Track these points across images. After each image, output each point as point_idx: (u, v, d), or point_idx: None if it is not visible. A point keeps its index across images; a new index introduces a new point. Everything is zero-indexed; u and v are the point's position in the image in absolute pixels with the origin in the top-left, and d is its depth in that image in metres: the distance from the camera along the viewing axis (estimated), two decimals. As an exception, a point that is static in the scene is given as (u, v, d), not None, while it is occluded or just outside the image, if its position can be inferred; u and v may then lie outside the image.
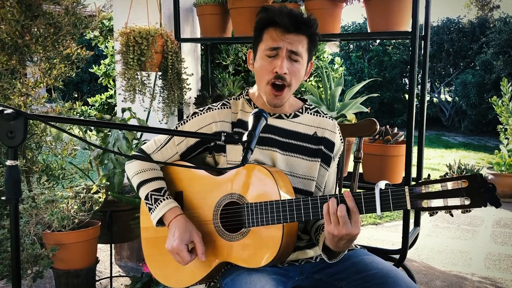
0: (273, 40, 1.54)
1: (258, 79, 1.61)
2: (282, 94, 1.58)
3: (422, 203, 1.31)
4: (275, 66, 1.55)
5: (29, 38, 2.59)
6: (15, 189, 1.23)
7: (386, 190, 1.35)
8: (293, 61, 1.56)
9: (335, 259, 1.52)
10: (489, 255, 3.51)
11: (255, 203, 1.49)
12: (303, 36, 1.55)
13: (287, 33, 1.53)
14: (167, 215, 1.57)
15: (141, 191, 1.63)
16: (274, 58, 1.55)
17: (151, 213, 1.60)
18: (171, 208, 1.57)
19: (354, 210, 1.37)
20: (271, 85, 1.56)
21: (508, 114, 5.19)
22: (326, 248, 1.49)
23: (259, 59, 1.59)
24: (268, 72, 1.56)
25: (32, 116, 1.24)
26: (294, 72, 1.57)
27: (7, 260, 2.30)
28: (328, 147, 1.67)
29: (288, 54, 1.54)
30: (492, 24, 10.70)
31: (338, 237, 1.37)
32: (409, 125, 2.53)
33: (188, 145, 1.67)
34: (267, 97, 1.59)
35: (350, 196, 1.38)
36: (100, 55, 6.67)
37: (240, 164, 1.34)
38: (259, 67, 1.59)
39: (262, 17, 1.59)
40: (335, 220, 1.37)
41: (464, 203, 1.28)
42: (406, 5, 2.55)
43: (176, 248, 1.51)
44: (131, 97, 2.76)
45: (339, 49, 11.76)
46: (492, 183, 1.26)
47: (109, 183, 2.64)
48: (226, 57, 3.45)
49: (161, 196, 1.59)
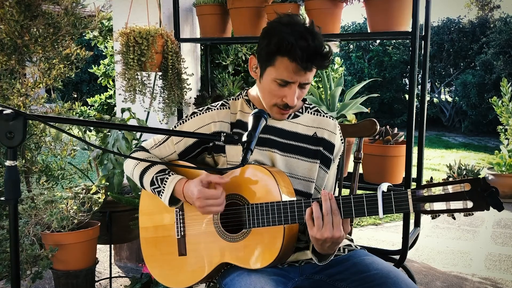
0: (287, 74, 1.47)
1: (263, 97, 1.58)
2: (288, 112, 1.60)
3: (425, 206, 1.31)
4: (285, 95, 1.52)
5: (28, 38, 2.58)
6: (14, 190, 1.23)
7: (388, 193, 1.35)
8: (302, 88, 1.54)
9: (325, 261, 1.52)
10: (490, 256, 3.51)
11: (256, 204, 1.49)
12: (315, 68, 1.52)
13: (303, 71, 1.47)
14: (176, 187, 1.55)
15: (145, 178, 1.62)
16: (285, 86, 1.51)
17: (161, 196, 1.58)
18: (178, 180, 1.55)
19: (335, 213, 1.37)
20: (278, 108, 1.56)
21: (508, 115, 5.19)
22: (315, 251, 1.50)
23: (268, 81, 1.53)
24: (276, 97, 1.54)
25: (31, 117, 1.24)
26: (303, 96, 1.57)
27: (7, 261, 2.30)
28: (327, 148, 1.67)
29: (299, 85, 1.53)
30: (493, 24, 10.69)
31: (321, 240, 1.38)
32: (409, 125, 2.53)
33: (186, 145, 1.66)
34: (273, 115, 1.60)
35: (327, 198, 1.38)
36: (99, 55, 6.67)
37: (240, 165, 1.34)
38: (266, 89, 1.54)
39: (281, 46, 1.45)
40: (318, 224, 1.37)
41: (466, 207, 1.27)
42: (406, 5, 2.55)
43: (200, 195, 1.45)
44: (131, 98, 2.76)
45: (339, 49, 11.75)
46: (495, 187, 1.25)
47: (108, 184, 2.64)
48: (226, 57, 3.45)
49: (166, 174, 1.58)
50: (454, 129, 10.75)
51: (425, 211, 1.31)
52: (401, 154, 2.75)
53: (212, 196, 1.46)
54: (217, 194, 1.46)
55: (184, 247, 1.62)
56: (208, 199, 1.46)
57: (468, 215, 1.28)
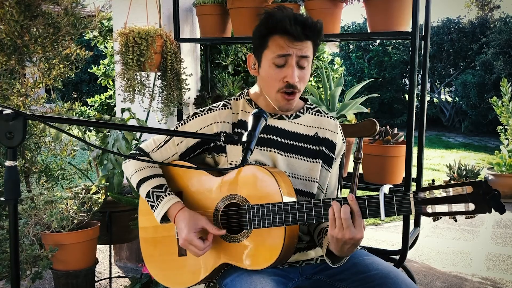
0: (281, 47, 1.51)
1: (266, 86, 1.59)
2: (294, 98, 1.57)
3: (427, 208, 1.31)
4: (285, 75, 1.52)
5: (28, 38, 2.58)
6: (14, 190, 1.23)
7: (390, 195, 1.35)
8: (301, 68, 1.54)
9: (339, 263, 1.50)
10: (490, 256, 3.51)
11: (257, 204, 1.48)
12: (310, 42, 1.54)
13: (296, 41, 1.50)
14: (170, 210, 1.56)
15: (142, 189, 1.62)
16: (283, 67, 1.52)
17: (154, 210, 1.59)
18: (174, 203, 1.56)
19: (358, 214, 1.36)
20: (282, 93, 1.55)
21: (508, 115, 5.18)
22: (330, 253, 1.49)
23: (266, 67, 1.55)
24: (277, 81, 1.54)
25: (31, 117, 1.24)
26: (303, 78, 1.56)
27: (6, 261, 2.30)
28: (329, 148, 1.67)
29: (297, 61, 1.52)
30: (492, 24, 10.69)
31: (342, 241, 1.37)
32: (409, 125, 2.53)
33: (188, 146, 1.66)
34: (279, 104, 1.58)
35: (354, 200, 1.37)
36: (99, 55, 6.66)
37: (240, 165, 1.34)
38: (266, 76, 1.56)
39: (269, 23, 1.52)
40: (339, 224, 1.36)
41: (468, 209, 1.27)
42: (406, 5, 2.55)
43: (186, 238, 1.49)
44: (130, 98, 2.76)
45: (339, 49, 11.74)
46: (497, 190, 1.26)
47: (108, 184, 2.64)
48: (226, 57, 3.44)
49: (162, 192, 1.58)
50: (454, 129, 10.75)
51: (427, 213, 1.31)
52: (401, 154, 2.75)
53: (196, 246, 1.50)
54: (201, 247, 1.50)
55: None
56: (191, 245, 1.50)
57: (470, 217, 1.29)
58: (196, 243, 1.49)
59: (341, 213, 1.36)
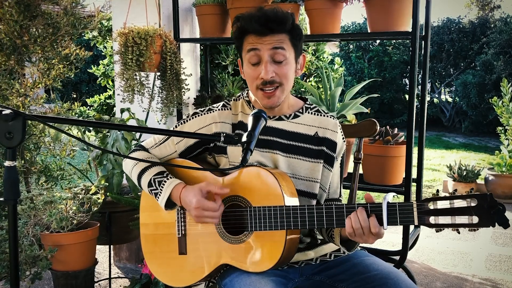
0: (251, 43, 1.54)
1: (249, 86, 1.62)
2: (275, 93, 1.56)
3: (430, 220, 1.31)
4: (259, 73, 1.54)
5: (28, 38, 2.58)
6: (13, 190, 1.23)
7: (393, 205, 1.35)
8: (278, 62, 1.54)
9: (354, 249, 1.54)
10: (490, 256, 3.50)
11: (259, 207, 1.48)
12: (283, 34, 1.54)
13: (263, 36, 1.52)
14: (174, 192, 1.55)
15: (143, 180, 1.62)
16: (258, 65, 1.55)
17: (157, 198, 1.58)
18: (176, 184, 1.55)
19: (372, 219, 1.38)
20: (261, 90, 1.56)
21: (509, 115, 5.18)
22: (344, 241, 1.51)
23: (245, 67, 1.60)
24: (255, 79, 1.57)
25: (30, 117, 1.24)
26: (282, 72, 1.55)
27: (6, 262, 2.30)
28: (330, 147, 1.66)
29: (271, 55, 1.53)
30: (493, 24, 10.69)
31: (366, 242, 1.41)
32: (409, 125, 2.52)
33: (187, 145, 1.66)
34: (261, 101, 1.59)
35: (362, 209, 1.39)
36: (99, 55, 6.66)
37: (240, 165, 1.34)
38: (247, 76, 1.60)
39: (237, 27, 1.58)
40: (360, 233, 1.38)
41: (472, 222, 1.27)
42: (406, 5, 2.55)
43: (198, 205, 1.48)
44: (129, 98, 2.75)
45: (339, 49, 11.75)
46: (503, 204, 1.25)
47: (108, 184, 2.63)
48: (226, 57, 3.44)
49: (164, 177, 1.58)
50: (454, 130, 10.75)
51: (430, 225, 1.31)
52: (401, 154, 2.74)
53: (210, 208, 1.48)
54: (215, 207, 1.48)
55: (184, 246, 1.61)
56: (205, 211, 1.48)
57: (473, 230, 1.28)
58: (208, 205, 1.48)
59: (360, 222, 1.37)
